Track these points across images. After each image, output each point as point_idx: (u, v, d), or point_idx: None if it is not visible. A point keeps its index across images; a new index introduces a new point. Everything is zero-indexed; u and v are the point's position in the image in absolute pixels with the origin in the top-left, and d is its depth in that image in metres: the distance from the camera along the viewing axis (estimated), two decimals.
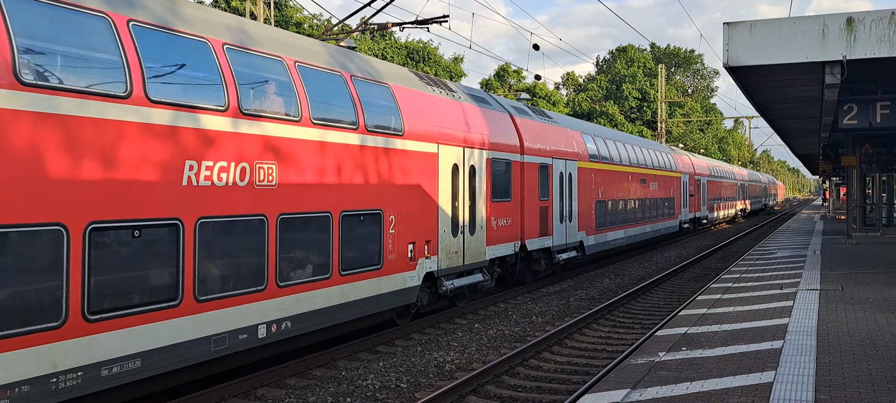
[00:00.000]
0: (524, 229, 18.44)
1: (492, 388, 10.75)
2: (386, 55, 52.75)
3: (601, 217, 24.67)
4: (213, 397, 9.90)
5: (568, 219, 21.61)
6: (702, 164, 45.14)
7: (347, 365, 11.85)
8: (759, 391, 7.74)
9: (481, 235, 16.19)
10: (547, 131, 20.74)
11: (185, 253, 8.83)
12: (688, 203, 39.09)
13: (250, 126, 9.86)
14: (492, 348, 13.29)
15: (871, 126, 18.11)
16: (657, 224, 32.60)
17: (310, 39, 12.96)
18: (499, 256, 17.20)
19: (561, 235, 21.13)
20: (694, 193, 40.71)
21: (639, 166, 29.59)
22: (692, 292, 19.60)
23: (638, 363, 9.15)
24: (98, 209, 7.80)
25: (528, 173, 18.75)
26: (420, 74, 15.83)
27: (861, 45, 13.08)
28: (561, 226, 21.08)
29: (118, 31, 8.25)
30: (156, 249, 8.57)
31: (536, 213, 19.21)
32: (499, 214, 16.93)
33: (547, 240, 20.03)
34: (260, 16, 28.33)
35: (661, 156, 34.51)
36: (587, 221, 23.35)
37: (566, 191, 21.49)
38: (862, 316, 11.98)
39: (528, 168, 18.75)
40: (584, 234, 23.15)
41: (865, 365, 8.73)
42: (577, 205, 22.47)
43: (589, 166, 23.64)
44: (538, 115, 21.17)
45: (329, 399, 10.14)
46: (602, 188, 24.75)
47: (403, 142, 13.41)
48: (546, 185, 19.93)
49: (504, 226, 17.31)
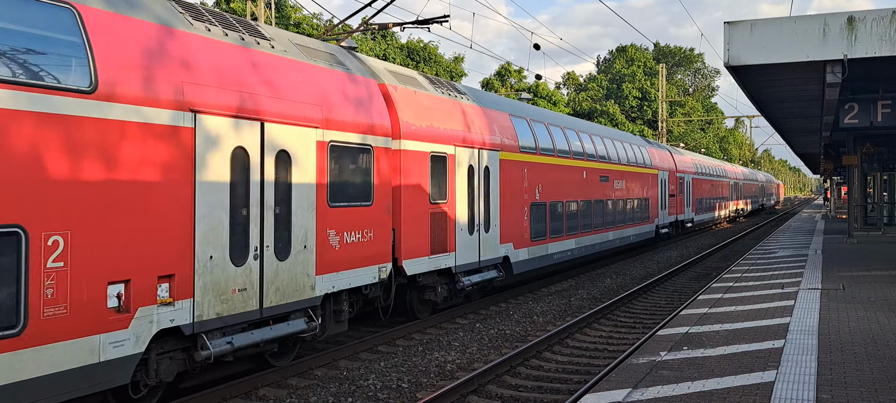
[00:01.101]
0: (401, 244, 13.52)
1: (493, 388, 10.75)
2: (387, 55, 52.77)
3: (539, 224, 19.63)
4: (215, 397, 9.91)
5: (482, 229, 16.53)
6: (686, 161, 40.46)
7: (349, 365, 11.86)
8: (760, 390, 7.74)
9: (303, 259, 10.79)
10: (447, 109, 15.59)
11: None
12: (667, 204, 34.21)
13: None
14: (493, 347, 13.29)
15: (872, 125, 18.11)
16: (625, 230, 27.55)
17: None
18: (346, 288, 11.96)
19: (469, 250, 15.95)
20: (675, 193, 36.07)
21: (597, 160, 24.55)
22: (693, 291, 19.61)
23: (639, 362, 9.15)
24: None
25: (410, 165, 13.91)
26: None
27: (862, 44, 13.08)
28: (470, 239, 15.98)
29: None
30: None
31: (424, 222, 14.31)
32: (343, 225, 11.76)
33: (444, 259, 14.96)
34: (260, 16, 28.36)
35: (632, 149, 29.58)
36: (515, 230, 18.24)
37: (479, 190, 16.44)
38: (863, 315, 11.98)
39: (408, 158, 13.87)
40: (511, 247, 17.98)
41: (867, 365, 8.73)
42: (499, 210, 17.35)
43: (518, 158, 18.58)
44: (436, 88, 15.96)
45: (330, 399, 10.14)
46: (540, 186, 19.69)
47: (99, 105, 7.81)
48: (443, 183, 15.01)
49: (355, 243, 12.10)
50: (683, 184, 38.12)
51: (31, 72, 7.28)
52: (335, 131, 11.65)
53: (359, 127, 12.28)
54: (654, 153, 33.09)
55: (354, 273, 12.11)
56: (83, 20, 7.85)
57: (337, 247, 11.65)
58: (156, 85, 8.51)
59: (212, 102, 9.27)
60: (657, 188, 32.25)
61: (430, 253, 14.52)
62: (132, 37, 8.36)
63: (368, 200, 12.49)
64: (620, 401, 7.53)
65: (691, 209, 40.42)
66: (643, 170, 30.19)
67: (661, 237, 34.10)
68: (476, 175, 16.31)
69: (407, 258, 13.75)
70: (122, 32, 8.25)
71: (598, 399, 7.67)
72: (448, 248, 15.11)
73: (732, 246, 35.47)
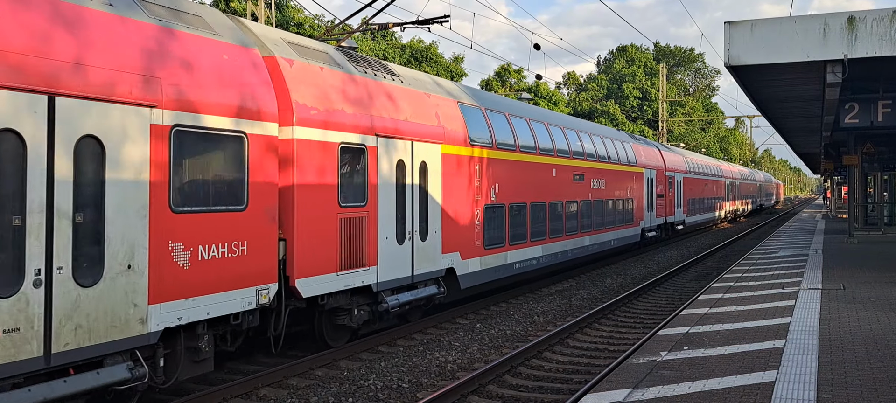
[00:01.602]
0: (295, 259, 10.79)
1: (494, 388, 10.76)
2: (387, 55, 52.82)
3: (495, 229, 17.06)
4: (216, 397, 9.92)
5: (417, 236, 13.85)
6: (676, 159, 38.09)
7: (349, 365, 11.86)
8: (761, 390, 7.74)
9: (126, 283, 8.27)
10: (368, 92, 12.85)
11: None
12: (654, 205, 31.92)
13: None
14: (494, 347, 13.30)
15: (872, 125, 18.10)
16: (605, 234, 25.08)
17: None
18: (204, 319, 9.29)
19: (398, 263, 13.27)
20: (664, 193, 33.85)
21: (571, 157, 22.02)
22: (694, 291, 19.62)
23: (640, 362, 9.16)
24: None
25: (310, 159, 11.22)
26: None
27: (862, 43, 13.08)
28: (399, 250, 13.30)
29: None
30: None
31: (330, 230, 11.59)
32: (198, 236, 9.11)
33: (361, 275, 12.27)
34: (261, 16, 28.37)
35: (614, 145, 27.12)
36: (464, 237, 15.61)
37: (413, 190, 13.82)
38: (864, 315, 11.98)
39: (307, 150, 11.16)
40: (457, 257, 15.28)
41: (867, 364, 8.73)
42: (441, 213, 14.69)
43: (468, 153, 15.87)
44: (356, 66, 13.12)
45: (331, 400, 10.15)
46: (496, 186, 17.15)
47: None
48: (360, 181, 12.38)
49: (218, 260, 9.39)
50: (674, 184, 36.03)
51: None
52: (182, 112, 8.91)
53: (224, 107, 9.56)
54: (640, 150, 30.93)
55: (216, 298, 9.40)
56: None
57: (187, 266, 8.94)
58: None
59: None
60: (643, 188, 30.06)
61: (340, 269, 11.73)
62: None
63: (240, 203, 9.79)
64: (621, 401, 7.53)
65: (682, 210, 38.13)
66: (627, 168, 27.91)
67: (648, 241, 31.89)
68: (409, 172, 13.67)
69: (303, 275, 10.94)
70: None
71: (598, 399, 7.67)
72: (367, 262, 12.40)
73: (733, 246, 35.48)
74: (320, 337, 12.32)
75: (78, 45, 7.86)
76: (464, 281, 15.64)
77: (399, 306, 13.21)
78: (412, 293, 13.74)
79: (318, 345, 12.36)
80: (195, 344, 9.44)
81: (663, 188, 33.75)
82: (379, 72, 13.70)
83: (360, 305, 12.57)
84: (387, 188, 13.01)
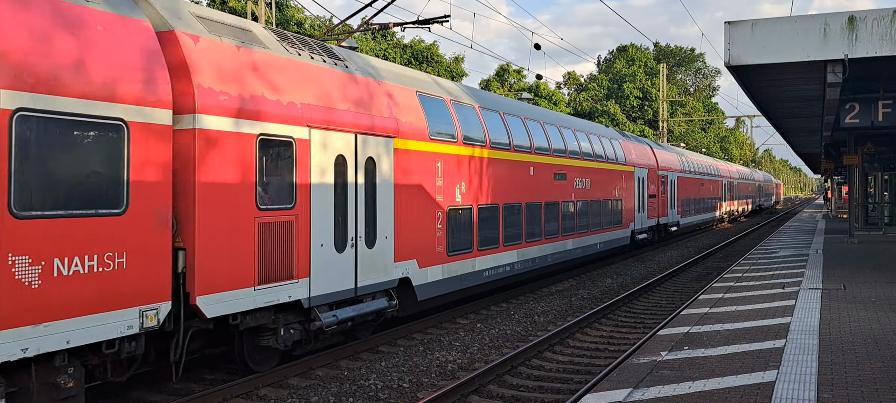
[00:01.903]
0: (196, 272, 9.15)
1: (494, 388, 10.76)
2: (387, 55, 52.83)
3: (461, 233, 15.49)
4: (216, 397, 9.93)
5: (361, 242, 12.23)
6: (670, 157, 36.45)
7: (350, 365, 11.87)
8: (761, 390, 7.74)
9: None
10: (301, 77, 11.23)
11: None
12: (646, 206, 30.51)
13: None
14: (494, 347, 13.30)
15: (872, 125, 18.10)
16: (589, 237, 23.45)
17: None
18: (64, 349, 7.71)
19: (338, 274, 11.66)
20: (656, 193, 32.46)
21: (551, 154, 20.51)
22: (694, 291, 19.62)
23: (640, 362, 9.16)
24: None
25: (217, 152, 9.50)
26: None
27: (863, 43, 13.08)
28: (339, 259, 11.68)
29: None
30: None
31: (246, 237, 9.86)
32: (54, 247, 7.59)
33: (288, 289, 10.62)
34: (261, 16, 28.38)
35: (600, 142, 25.43)
36: (422, 242, 14.01)
37: (357, 190, 12.16)
38: (864, 314, 11.98)
39: (213, 142, 9.45)
40: (413, 266, 13.70)
41: (868, 364, 8.73)
42: (394, 216, 13.13)
43: (428, 149, 14.32)
44: (286, 45, 11.50)
45: (331, 399, 10.15)
46: (462, 185, 15.50)
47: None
48: (286, 179, 10.69)
49: (85, 275, 7.85)
50: (667, 184, 34.49)
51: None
52: (30, 93, 7.35)
53: (93, 89, 7.97)
54: (630, 148, 29.48)
55: (82, 323, 7.77)
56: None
57: (36, 285, 7.35)
58: None
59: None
60: (633, 188, 28.51)
61: (259, 283, 10.04)
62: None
63: (117, 206, 8.15)
64: (621, 401, 7.53)
65: (676, 211, 36.73)
66: (615, 166, 26.27)
67: (639, 244, 30.25)
68: (352, 169, 12.02)
69: (208, 291, 9.25)
70: None
71: (598, 399, 7.67)
72: (295, 273, 10.72)
73: (733, 246, 35.49)
74: (241, 361, 10.74)
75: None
76: (422, 291, 14.01)
77: (337, 323, 11.55)
78: (355, 308, 12.10)
79: (244, 369, 10.84)
80: (54, 380, 7.72)
81: (655, 188, 32.37)
82: (317, 55, 12.04)
83: (289, 324, 10.85)
84: (322, 188, 11.33)
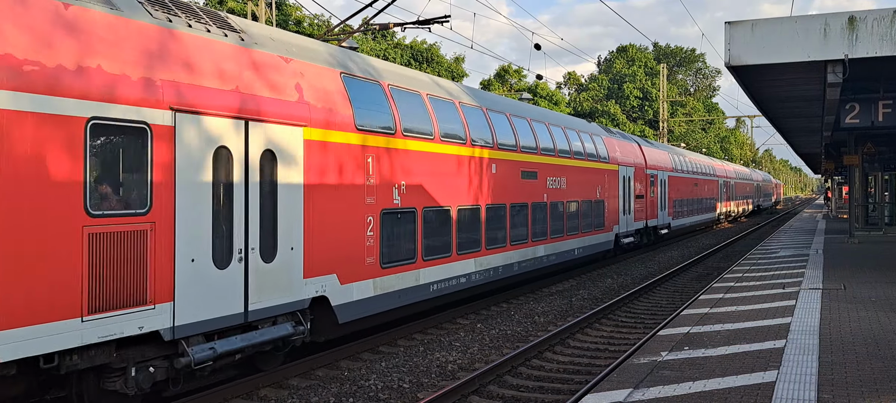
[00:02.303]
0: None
1: (494, 388, 10.76)
2: (388, 55, 52.83)
3: (400, 241, 13.26)
4: (216, 397, 9.93)
5: (256, 256, 9.93)
6: (660, 156, 34.09)
7: (350, 366, 11.87)
8: (761, 390, 7.74)
9: None
10: (160, 44, 8.89)
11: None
12: (632, 207, 28.31)
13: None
14: (494, 348, 13.30)
15: (873, 125, 18.11)
16: (565, 242, 21.16)
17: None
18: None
19: (218, 295, 9.37)
20: (644, 194, 30.25)
21: (519, 151, 18.22)
22: (694, 291, 19.63)
23: (640, 362, 9.16)
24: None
25: (18, 144, 7.32)
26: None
27: (863, 44, 13.08)
28: (219, 276, 9.39)
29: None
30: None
31: (66, 250, 7.69)
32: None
33: (141, 317, 8.41)
34: (261, 16, 28.38)
35: (579, 138, 23.10)
36: (344, 253, 11.72)
37: (250, 190, 9.90)
38: (864, 315, 11.98)
39: (13, 130, 7.28)
40: (333, 282, 11.42)
41: (868, 364, 8.73)
42: (304, 222, 10.82)
43: (352, 140, 12.02)
44: (148, 5, 9.16)
45: (332, 400, 10.15)
46: (402, 184, 13.21)
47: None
48: (136, 178, 8.49)
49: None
50: (657, 183, 32.33)
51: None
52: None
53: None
54: (615, 144, 27.20)
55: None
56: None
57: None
58: None
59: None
60: (618, 188, 26.34)
61: (90, 312, 7.84)
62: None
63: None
64: (621, 401, 7.53)
65: (667, 212, 34.56)
66: (596, 164, 24.05)
67: (624, 248, 28.02)
68: (240, 164, 9.72)
69: (7, 327, 7.14)
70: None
71: (599, 400, 7.67)
72: (152, 297, 8.50)
73: (733, 246, 35.49)
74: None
75: None
76: (344, 312, 11.65)
77: (215, 358, 9.15)
78: (245, 337, 9.68)
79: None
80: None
81: (643, 188, 30.13)
82: (195, 22, 9.65)
83: (144, 361, 8.65)
84: (194, 187, 9.05)
